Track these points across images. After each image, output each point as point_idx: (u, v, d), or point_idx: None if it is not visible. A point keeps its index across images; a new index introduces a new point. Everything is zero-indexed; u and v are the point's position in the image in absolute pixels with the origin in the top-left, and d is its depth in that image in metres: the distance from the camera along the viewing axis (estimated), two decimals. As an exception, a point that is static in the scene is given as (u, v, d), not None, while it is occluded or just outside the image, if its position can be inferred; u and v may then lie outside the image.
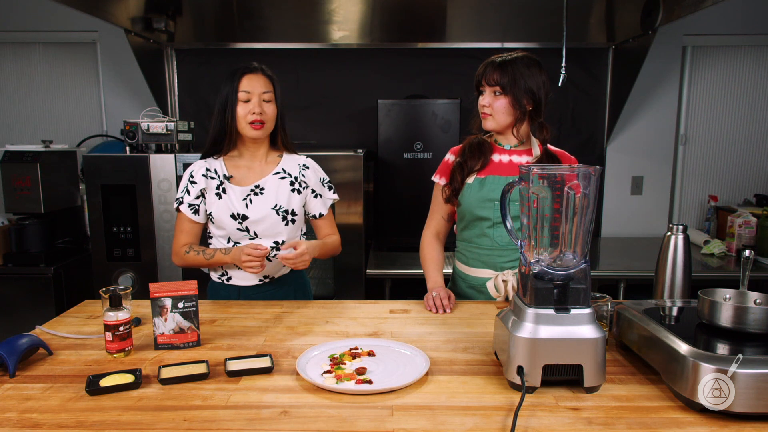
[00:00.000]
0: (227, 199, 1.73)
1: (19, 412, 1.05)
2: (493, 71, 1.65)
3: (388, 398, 1.10)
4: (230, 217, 1.71)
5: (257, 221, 1.73)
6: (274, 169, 1.79)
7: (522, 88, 1.65)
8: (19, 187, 2.81)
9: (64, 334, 1.45)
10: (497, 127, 1.72)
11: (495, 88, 1.66)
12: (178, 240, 1.77)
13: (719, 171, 3.61)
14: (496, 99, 1.67)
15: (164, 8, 2.81)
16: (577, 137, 3.53)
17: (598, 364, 1.10)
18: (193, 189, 1.73)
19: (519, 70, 1.64)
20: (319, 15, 2.87)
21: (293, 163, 1.82)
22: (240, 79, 1.67)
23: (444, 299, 1.66)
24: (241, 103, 1.68)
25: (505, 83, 1.64)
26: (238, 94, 1.67)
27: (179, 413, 1.05)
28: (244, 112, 1.68)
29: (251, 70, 1.69)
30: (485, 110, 1.70)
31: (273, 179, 1.77)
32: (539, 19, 2.98)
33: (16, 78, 3.53)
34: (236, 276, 1.78)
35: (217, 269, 1.80)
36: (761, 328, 1.08)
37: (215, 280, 1.82)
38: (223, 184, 1.74)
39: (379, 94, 3.25)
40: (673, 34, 3.37)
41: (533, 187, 1.13)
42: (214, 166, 1.76)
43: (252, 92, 1.67)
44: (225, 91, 1.69)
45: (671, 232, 1.48)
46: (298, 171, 1.81)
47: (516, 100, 1.65)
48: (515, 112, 1.67)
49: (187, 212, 1.73)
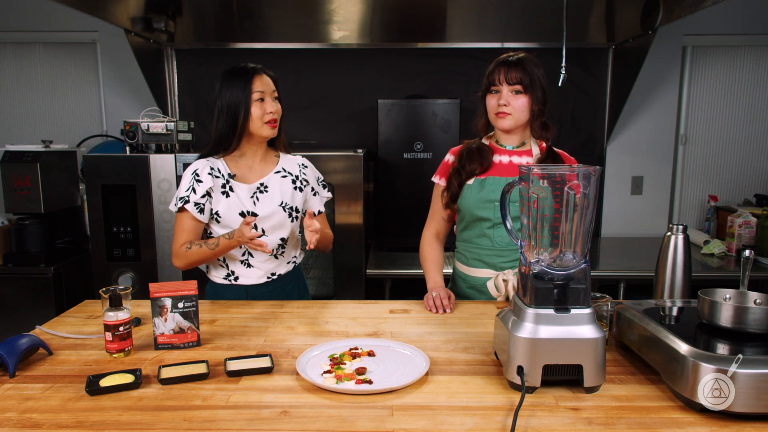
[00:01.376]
0: (235, 197, 1.74)
1: (19, 412, 1.05)
2: (512, 70, 1.65)
3: (388, 398, 1.10)
4: (239, 215, 1.73)
5: (265, 218, 1.74)
6: (275, 168, 1.81)
7: (538, 86, 1.67)
8: (19, 187, 2.81)
9: (64, 334, 1.45)
10: (515, 125, 1.71)
11: (515, 87, 1.66)
12: (177, 240, 1.74)
13: (719, 171, 3.61)
14: (516, 98, 1.67)
15: (164, 8, 2.81)
16: (577, 137, 3.53)
17: (598, 364, 1.10)
18: (200, 188, 1.72)
19: (533, 69, 1.66)
20: (319, 15, 2.87)
21: (292, 162, 1.85)
22: (252, 79, 1.69)
23: (444, 299, 1.66)
24: (256, 103, 1.69)
25: (527, 82, 1.65)
26: (252, 95, 1.68)
27: (179, 413, 1.05)
28: (260, 112, 1.69)
29: (258, 71, 1.71)
30: (504, 109, 1.68)
31: (275, 177, 1.79)
32: (539, 19, 2.98)
33: (16, 78, 3.53)
34: (243, 275, 1.79)
35: (221, 269, 1.80)
36: (761, 328, 1.08)
37: (220, 282, 1.81)
38: (228, 182, 1.75)
39: (379, 94, 3.25)
40: (673, 34, 3.37)
41: (533, 187, 1.13)
42: (216, 165, 1.76)
43: (265, 92, 1.70)
44: (234, 92, 1.68)
45: (671, 232, 1.48)
46: (299, 170, 1.85)
47: (535, 98, 1.67)
48: (534, 110, 1.69)
49: (192, 211, 1.72)
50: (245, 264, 1.78)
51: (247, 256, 1.77)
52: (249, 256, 1.77)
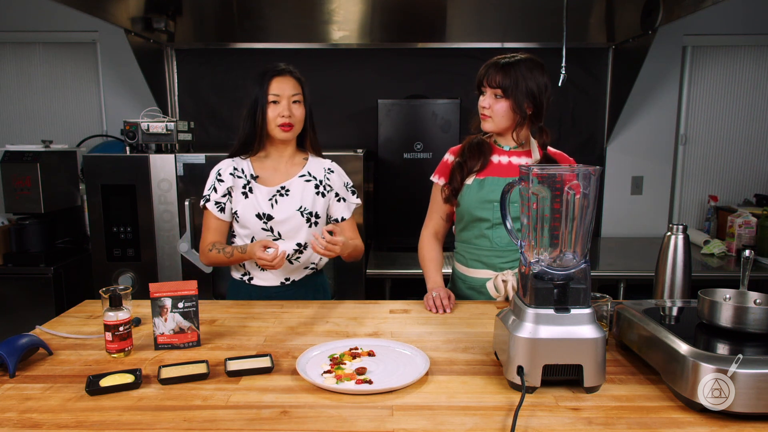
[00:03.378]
0: (253, 198, 1.74)
1: (19, 412, 1.05)
2: (495, 73, 1.63)
3: (388, 398, 1.10)
4: (255, 217, 1.73)
5: (282, 222, 1.74)
6: (300, 172, 1.80)
7: (523, 91, 1.62)
8: (19, 187, 2.81)
9: (64, 334, 1.45)
10: (495, 129, 1.71)
11: (496, 91, 1.64)
12: (205, 238, 1.78)
13: (719, 171, 3.61)
14: (496, 101, 1.66)
15: (164, 8, 2.81)
16: (577, 137, 3.53)
17: (598, 364, 1.10)
18: (220, 187, 1.74)
19: (521, 73, 1.61)
20: (319, 15, 2.87)
21: (318, 166, 1.83)
22: (269, 81, 1.69)
23: (444, 299, 1.66)
24: (271, 105, 1.69)
25: (507, 86, 1.62)
26: (267, 97, 1.68)
27: (179, 413, 1.05)
28: (273, 114, 1.69)
29: (279, 73, 1.71)
30: (485, 112, 1.69)
31: (299, 181, 1.78)
32: (539, 19, 2.98)
33: (16, 78, 3.53)
34: (258, 276, 1.80)
35: (239, 268, 1.82)
36: (761, 328, 1.08)
37: (237, 278, 1.83)
38: (249, 183, 1.75)
39: (379, 94, 3.25)
40: (673, 34, 3.37)
41: (533, 188, 1.13)
42: (241, 166, 1.77)
43: (281, 95, 1.69)
44: (254, 93, 1.70)
45: (671, 232, 1.48)
46: (323, 175, 1.82)
47: (516, 104, 1.63)
48: (515, 115, 1.66)
49: (213, 210, 1.74)
50: (260, 267, 1.77)
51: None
52: None
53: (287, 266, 1.79)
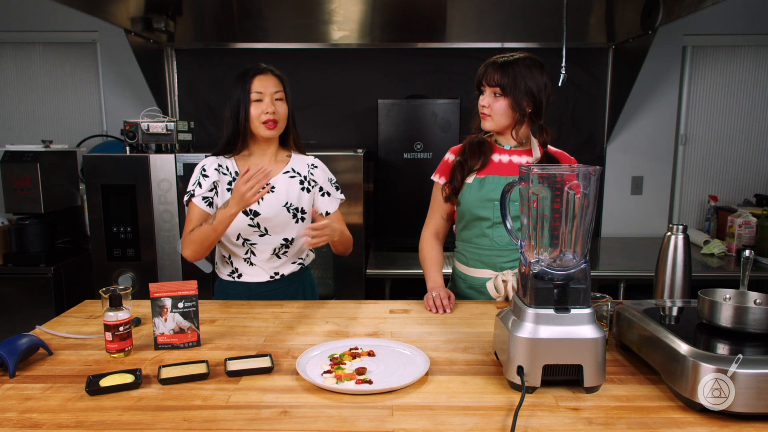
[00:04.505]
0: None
1: (19, 412, 1.05)
2: (494, 72, 1.64)
3: (388, 398, 1.10)
4: (242, 213, 1.72)
5: (268, 218, 1.75)
6: (284, 168, 1.81)
7: (522, 90, 1.63)
8: (19, 187, 2.82)
9: (64, 334, 1.45)
10: (495, 128, 1.71)
11: (495, 89, 1.65)
12: (185, 230, 1.76)
13: (719, 171, 3.61)
14: (495, 100, 1.66)
15: (164, 8, 2.81)
16: (577, 137, 3.53)
17: (598, 364, 1.10)
18: (205, 182, 1.74)
19: (520, 72, 1.62)
20: (319, 15, 2.87)
21: (302, 163, 1.85)
22: (251, 80, 1.69)
23: (444, 299, 1.66)
24: (254, 104, 1.70)
25: (506, 84, 1.63)
26: (250, 95, 1.69)
27: (179, 413, 1.05)
28: (257, 112, 1.70)
29: (261, 71, 1.71)
30: (484, 111, 1.69)
31: (283, 178, 1.80)
32: (539, 19, 2.98)
33: (16, 78, 3.53)
34: (246, 273, 1.80)
35: (226, 266, 1.82)
36: (761, 328, 1.08)
37: (225, 278, 1.84)
38: (235, 180, 1.75)
39: (379, 94, 3.25)
40: (673, 34, 3.37)
41: (533, 187, 1.13)
42: (225, 164, 1.78)
43: (264, 92, 1.70)
44: (236, 92, 1.70)
45: (671, 232, 1.48)
46: (307, 170, 1.84)
47: (516, 102, 1.64)
48: (514, 114, 1.66)
49: (200, 204, 1.73)
50: (248, 262, 1.79)
51: (250, 254, 1.78)
52: (252, 254, 1.78)
53: (275, 260, 1.79)
